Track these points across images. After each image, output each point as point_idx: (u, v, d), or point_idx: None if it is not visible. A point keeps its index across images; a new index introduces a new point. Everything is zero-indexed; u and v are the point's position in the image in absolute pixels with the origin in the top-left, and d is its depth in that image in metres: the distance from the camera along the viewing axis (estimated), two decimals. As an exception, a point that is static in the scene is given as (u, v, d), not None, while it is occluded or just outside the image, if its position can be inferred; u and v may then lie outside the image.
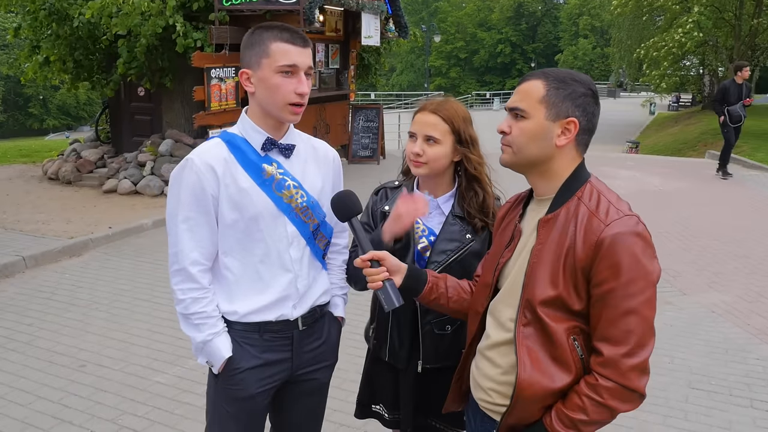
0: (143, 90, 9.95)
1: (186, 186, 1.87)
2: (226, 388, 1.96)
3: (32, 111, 50.72)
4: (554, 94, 1.53)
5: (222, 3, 8.80)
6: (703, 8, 20.33)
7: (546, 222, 1.56)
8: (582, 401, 1.48)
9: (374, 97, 35.05)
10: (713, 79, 29.83)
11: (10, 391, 3.77)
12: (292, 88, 1.84)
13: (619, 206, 1.52)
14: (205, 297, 1.90)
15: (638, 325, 1.45)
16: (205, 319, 1.90)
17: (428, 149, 2.05)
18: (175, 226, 1.89)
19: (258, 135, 1.92)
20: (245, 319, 1.94)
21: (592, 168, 1.63)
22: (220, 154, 1.89)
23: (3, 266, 5.85)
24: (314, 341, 2.06)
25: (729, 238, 7.42)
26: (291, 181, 1.95)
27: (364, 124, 12.35)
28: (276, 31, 1.85)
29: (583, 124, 1.55)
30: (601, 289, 1.47)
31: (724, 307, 5.32)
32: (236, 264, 1.93)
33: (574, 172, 1.58)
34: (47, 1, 9.02)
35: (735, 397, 3.85)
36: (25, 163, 11.89)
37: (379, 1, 11.06)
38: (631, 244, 1.46)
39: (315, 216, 2.00)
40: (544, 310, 1.52)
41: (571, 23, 62.39)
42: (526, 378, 1.53)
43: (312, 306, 2.03)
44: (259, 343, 1.95)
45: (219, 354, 1.91)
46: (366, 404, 2.38)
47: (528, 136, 1.55)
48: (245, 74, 1.88)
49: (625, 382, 1.45)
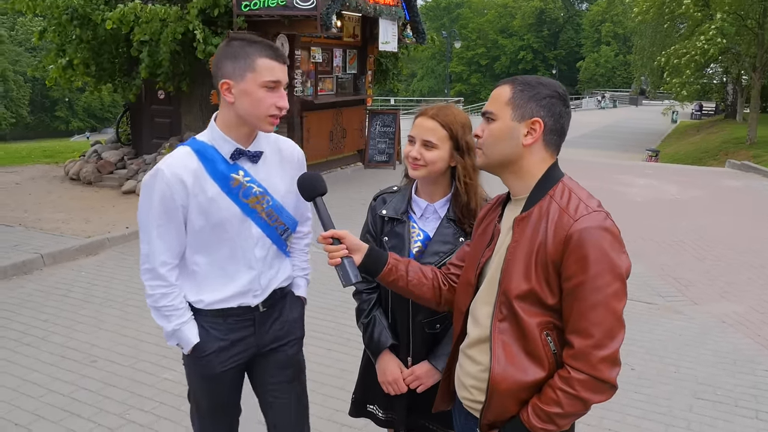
0: (163, 93, 10.12)
1: (156, 195, 1.99)
2: (196, 367, 2.16)
3: (58, 113, 51.67)
4: (519, 96, 1.61)
5: (240, 8, 8.93)
6: (725, 15, 20.09)
7: (521, 220, 1.61)
8: (556, 395, 1.52)
9: (394, 102, 35.15)
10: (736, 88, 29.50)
11: (23, 383, 3.88)
12: (274, 102, 1.96)
13: (588, 203, 1.57)
14: (172, 292, 2.07)
15: (606, 317, 1.50)
16: (173, 311, 2.07)
17: (425, 153, 2.10)
18: (148, 231, 2.02)
19: (227, 145, 2.02)
20: (210, 307, 2.11)
21: (608, 176, 1.69)
22: (190, 165, 1.99)
23: (22, 263, 5.99)
24: (276, 320, 2.21)
25: (745, 247, 7.34)
26: (257, 187, 2.07)
27: (380, 129, 12.41)
28: (260, 46, 1.95)
29: (549, 124, 1.61)
30: (571, 283, 1.52)
31: (735, 317, 5.27)
32: (204, 260, 2.09)
33: (546, 172, 1.64)
34: (70, 6, 9.22)
35: (740, 408, 3.82)
36: (48, 164, 12.12)
37: (397, 7, 11.13)
38: (598, 238, 1.50)
39: (282, 219, 2.14)
40: (519, 304, 1.57)
41: (594, 30, 62.02)
42: (499, 372, 1.58)
43: (272, 290, 2.19)
44: (223, 327, 2.13)
45: (187, 339, 2.10)
46: (361, 403, 2.43)
47: (496, 136, 1.63)
48: (226, 84, 1.95)
49: (596, 374, 1.49)
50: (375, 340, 2.23)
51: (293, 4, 8.84)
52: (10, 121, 47.46)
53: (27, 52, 50.73)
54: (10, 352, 4.30)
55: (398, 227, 2.20)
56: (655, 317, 5.23)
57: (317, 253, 7.24)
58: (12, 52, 49.91)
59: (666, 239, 7.64)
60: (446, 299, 1.93)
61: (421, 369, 2.20)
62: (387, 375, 2.22)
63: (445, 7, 68.82)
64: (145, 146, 10.64)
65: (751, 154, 18.28)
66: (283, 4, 8.86)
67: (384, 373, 2.23)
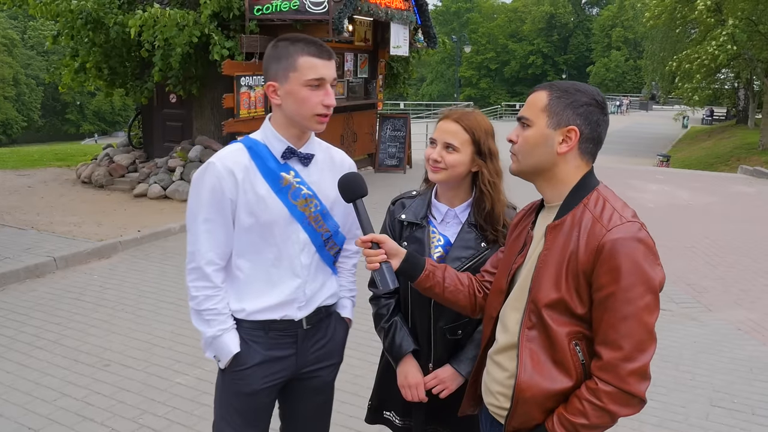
0: (175, 97, 10.16)
1: (207, 188, 1.94)
2: (233, 382, 2.04)
3: (69, 117, 52.05)
4: (556, 103, 1.58)
5: (253, 13, 8.97)
6: (737, 21, 19.97)
7: (553, 228, 1.59)
8: (582, 405, 1.49)
9: (403, 106, 35.16)
10: (748, 93, 29.32)
11: (36, 387, 3.88)
12: (320, 100, 1.91)
13: (622, 213, 1.54)
14: (217, 295, 1.98)
15: (637, 329, 1.47)
16: (215, 316, 1.98)
17: (447, 156, 2.08)
18: (196, 226, 1.96)
19: (279, 143, 1.99)
20: (252, 317, 2.01)
21: (620, 181, 1.68)
22: (241, 161, 1.96)
23: (34, 266, 6.02)
24: (319, 340, 2.12)
25: (759, 254, 7.28)
26: (306, 189, 2.01)
27: (391, 133, 12.41)
28: (302, 44, 1.91)
29: (585, 132, 1.58)
30: (602, 294, 1.49)
31: (750, 324, 5.22)
32: (248, 265, 2.01)
33: (581, 180, 1.61)
34: (84, 10, 9.28)
35: (758, 416, 3.77)
36: (60, 167, 12.19)
37: (409, 12, 11.14)
38: (631, 249, 1.47)
39: (327, 225, 2.07)
40: (548, 312, 1.55)
41: (604, 35, 61.86)
42: (525, 380, 1.56)
43: (317, 307, 2.10)
44: (265, 341, 2.03)
45: (227, 349, 1.99)
46: (377, 410, 2.40)
47: (530, 143, 1.61)
48: (272, 87, 1.94)
49: (624, 387, 1.47)
50: (397, 345, 2.20)
51: (305, 8, 8.87)
52: (21, 124, 47.85)
53: (39, 56, 51.17)
54: (24, 356, 4.31)
55: (418, 232, 2.17)
56: (669, 324, 5.18)
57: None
58: (24, 55, 50.36)
59: (679, 245, 7.58)
60: (481, 306, 1.91)
61: (444, 373, 2.18)
62: (409, 378, 2.19)
63: (455, 11, 68.87)
64: (156, 150, 10.68)
65: (763, 160, 18.15)
66: (296, 8, 8.89)
67: (406, 376, 2.20)
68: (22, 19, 51.82)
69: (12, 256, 6.21)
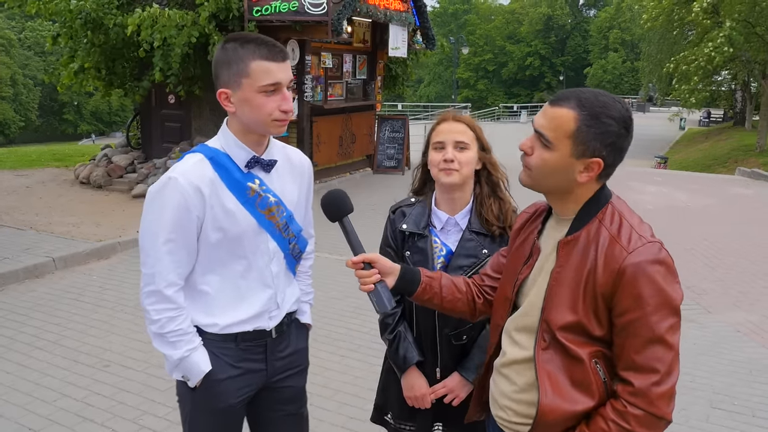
0: (173, 97, 10.15)
1: (170, 206, 1.80)
2: (205, 400, 1.93)
3: (67, 117, 51.96)
4: (585, 132, 1.46)
5: (252, 14, 8.97)
6: (735, 23, 20.03)
7: (566, 244, 1.53)
8: (608, 426, 1.46)
9: (401, 107, 35.18)
10: (745, 95, 29.39)
11: (36, 388, 3.87)
12: (277, 106, 1.80)
13: (641, 231, 1.49)
14: (180, 315, 1.87)
15: (665, 353, 1.44)
16: (181, 336, 1.86)
17: (459, 155, 2.08)
18: (156, 248, 1.82)
19: (242, 152, 1.88)
20: (224, 331, 1.92)
21: (618, 183, 1.64)
22: (206, 174, 1.83)
23: (33, 267, 6.00)
24: (284, 348, 2.06)
25: (758, 256, 7.29)
26: (273, 197, 1.93)
27: (389, 134, 12.42)
28: (252, 46, 1.77)
29: (609, 161, 1.49)
30: (625, 319, 1.45)
31: (750, 326, 5.23)
32: (216, 279, 1.91)
33: (595, 194, 1.55)
34: (83, 10, 9.27)
35: (758, 418, 3.78)
36: (58, 167, 12.16)
37: (407, 13, 11.15)
38: (653, 273, 1.43)
39: (292, 230, 2.00)
40: (563, 334, 1.52)
41: (601, 37, 61.94)
42: (547, 403, 1.53)
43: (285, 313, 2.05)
44: (235, 353, 1.94)
45: (198, 369, 1.89)
46: (381, 410, 2.41)
47: (550, 168, 1.51)
48: (224, 94, 1.81)
49: (654, 411, 1.44)
50: (401, 356, 2.20)
51: (304, 9, 8.87)
52: (19, 124, 47.75)
53: (36, 56, 51.09)
54: (24, 357, 4.30)
55: (420, 242, 2.16)
56: (668, 326, 5.18)
57: (329, 259, 7.18)
58: (21, 56, 50.26)
59: (678, 247, 7.58)
60: (480, 311, 1.88)
61: (453, 381, 2.18)
62: (414, 391, 2.19)
63: (452, 13, 68.90)
64: (155, 150, 10.67)
65: (760, 162, 18.21)
66: (295, 9, 8.90)
67: (411, 388, 2.20)
68: (19, 19, 51.73)
69: (11, 257, 6.19)
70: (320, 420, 3.56)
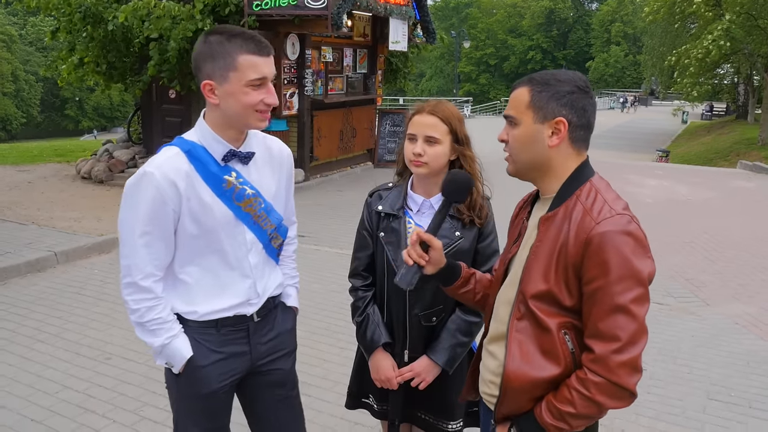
0: (174, 92, 10.16)
1: (145, 200, 1.83)
2: (189, 386, 1.98)
3: (68, 113, 52.01)
4: (538, 97, 1.57)
5: (252, 8, 8.96)
6: (735, 16, 19.95)
7: (546, 220, 1.60)
8: (571, 394, 1.50)
9: (403, 102, 35.15)
10: (747, 88, 29.30)
11: (38, 380, 3.91)
12: (261, 99, 1.83)
13: (613, 205, 1.54)
14: (159, 304, 1.90)
15: (627, 322, 1.47)
16: (161, 325, 1.90)
17: (429, 149, 2.12)
18: (132, 240, 1.86)
19: (219, 145, 1.90)
20: (204, 318, 1.96)
21: (619, 176, 1.68)
22: (182, 167, 1.86)
23: (35, 261, 6.04)
24: (268, 332, 2.09)
25: (758, 249, 7.30)
26: (250, 189, 1.96)
27: (390, 128, 12.42)
28: (240, 40, 1.80)
29: (573, 121, 1.57)
30: (591, 287, 1.50)
31: (748, 318, 5.24)
32: (195, 269, 1.95)
33: (575, 171, 1.61)
34: (83, 4, 9.27)
35: (754, 409, 3.80)
36: (59, 162, 12.20)
37: (408, 7, 11.14)
38: (620, 243, 1.48)
39: (271, 220, 2.03)
40: (535, 303, 1.57)
41: (603, 30, 61.79)
42: (513, 369, 1.58)
43: (267, 298, 2.08)
44: (217, 338, 1.98)
45: (179, 355, 1.92)
46: (356, 395, 2.46)
47: (521, 141, 1.61)
48: (209, 86, 1.83)
49: (614, 378, 1.47)
50: (368, 339, 2.24)
51: (304, 3, 8.87)
52: (20, 120, 47.82)
53: (38, 52, 51.10)
54: (26, 349, 4.34)
55: (394, 223, 2.22)
56: (667, 318, 5.21)
57: (329, 252, 7.17)
58: (23, 51, 50.29)
59: (678, 240, 7.61)
60: None
61: (420, 365, 2.22)
62: (380, 373, 2.24)
63: (454, 6, 68.74)
64: (156, 145, 10.65)
65: (762, 155, 18.17)
66: (294, 3, 8.89)
67: (377, 371, 2.25)
68: (21, 15, 51.73)
69: (13, 251, 6.23)
70: (319, 411, 3.60)
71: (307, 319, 4.62)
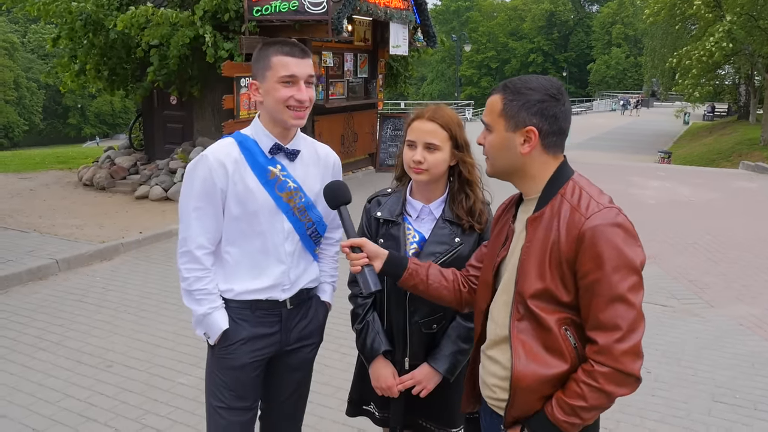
0: (175, 99, 10.17)
1: (198, 179, 2.08)
2: (221, 357, 2.19)
3: (71, 120, 52.15)
4: (509, 107, 1.62)
5: (252, 14, 8.97)
6: (736, 17, 19.94)
7: (533, 220, 1.63)
8: (580, 388, 1.53)
9: (404, 106, 35.16)
10: (749, 89, 29.27)
11: (40, 389, 3.90)
12: (291, 95, 2.05)
13: (599, 200, 1.58)
14: (207, 276, 2.13)
15: (626, 311, 1.51)
16: (206, 295, 2.12)
17: (429, 156, 2.11)
18: (187, 214, 2.11)
19: (267, 139, 2.14)
20: (239, 297, 2.16)
21: (621, 177, 1.69)
22: (232, 154, 2.11)
23: (37, 269, 6.03)
24: (301, 320, 2.27)
25: (761, 250, 7.27)
26: (292, 183, 2.16)
27: (391, 132, 12.41)
28: (278, 45, 2.08)
29: (544, 129, 1.61)
30: (587, 280, 1.54)
31: (752, 320, 5.22)
32: (236, 251, 2.16)
33: (556, 172, 1.65)
34: (83, 12, 9.29)
35: (760, 411, 3.77)
36: (61, 170, 12.22)
37: (408, 11, 11.14)
38: (611, 234, 1.52)
39: (310, 215, 2.22)
40: (534, 302, 1.59)
41: (604, 32, 61.81)
42: (521, 369, 1.60)
43: (300, 289, 2.25)
44: (251, 319, 2.18)
45: (217, 326, 2.14)
46: (357, 403, 2.44)
47: (495, 148, 1.67)
48: (254, 85, 2.13)
49: (619, 366, 1.51)
50: (368, 347, 2.24)
51: (304, 8, 8.88)
52: (23, 128, 47.95)
53: (40, 59, 51.27)
54: (27, 357, 4.33)
55: (393, 229, 2.21)
56: (671, 320, 5.18)
57: (330, 257, 7.12)
58: (25, 59, 50.47)
59: (680, 241, 7.58)
60: (467, 301, 1.96)
61: (421, 373, 2.20)
62: (380, 381, 2.23)
63: (454, 10, 68.83)
64: (157, 152, 10.70)
65: (764, 156, 18.14)
66: (295, 8, 8.90)
67: (377, 379, 2.24)
68: (23, 22, 51.94)
69: (15, 259, 6.23)
70: (321, 417, 3.58)
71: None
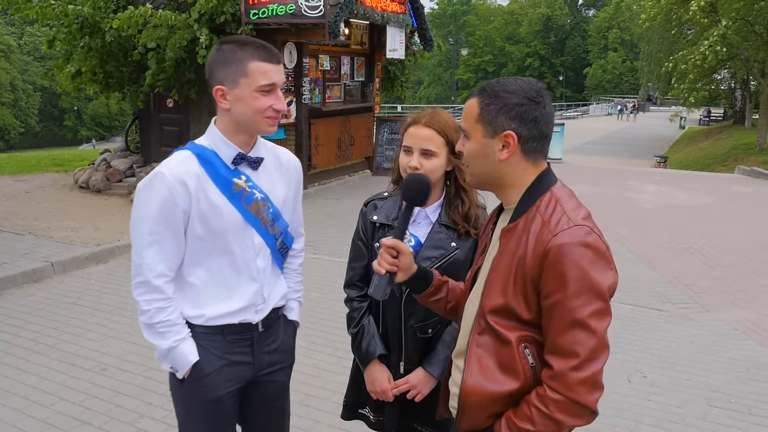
0: (172, 101, 10.16)
1: (156, 200, 1.87)
2: (196, 391, 2.00)
3: (67, 122, 52.05)
4: (486, 111, 1.52)
5: (249, 17, 8.98)
6: (731, 22, 20.01)
7: (507, 232, 1.55)
8: (530, 411, 1.45)
9: (401, 109, 35.21)
10: (745, 93, 29.38)
11: (34, 392, 3.88)
12: (270, 104, 1.89)
13: (572, 215, 1.47)
14: (170, 306, 1.93)
15: (586, 338, 1.41)
16: (169, 327, 1.92)
17: (425, 162, 2.09)
18: (142, 239, 1.90)
19: (229, 149, 1.95)
20: (210, 323, 1.99)
21: (617, 182, 1.64)
22: (192, 169, 1.91)
23: (32, 271, 6.01)
24: (271, 343, 2.12)
25: (756, 255, 7.29)
26: (259, 193, 2.00)
27: (388, 136, 12.42)
28: (251, 48, 1.87)
29: (524, 134, 1.51)
30: (549, 301, 1.44)
31: (747, 324, 5.23)
32: (202, 272, 1.98)
33: (534, 182, 1.55)
34: (80, 14, 9.28)
35: (755, 416, 3.78)
36: (57, 172, 12.18)
37: (405, 15, 11.16)
38: (577, 255, 1.42)
39: (278, 226, 2.07)
40: (493, 318, 1.52)
41: (601, 36, 62.01)
42: (471, 384, 1.54)
43: (271, 308, 2.10)
44: (222, 345, 2.01)
45: (185, 359, 1.95)
46: (352, 406, 2.43)
47: (473, 155, 1.57)
48: (220, 91, 1.89)
49: (573, 396, 1.41)
50: (363, 351, 2.23)
51: (301, 12, 8.88)
52: (19, 130, 47.85)
53: (36, 62, 51.20)
54: (21, 360, 4.31)
55: (389, 233, 2.18)
56: (666, 324, 5.19)
57: (327, 261, 7.16)
58: (21, 61, 50.40)
59: (676, 246, 7.59)
60: None
61: (416, 377, 2.20)
62: (375, 386, 2.22)
63: (451, 14, 68.99)
64: (153, 154, 10.68)
65: (760, 160, 18.19)
66: (292, 12, 8.91)
67: (372, 383, 2.23)
68: (19, 25, 51.86)
69: (9, 261, 6.21)
70: (317, 421, 3.57)
71: (305, 328, 4.58)
